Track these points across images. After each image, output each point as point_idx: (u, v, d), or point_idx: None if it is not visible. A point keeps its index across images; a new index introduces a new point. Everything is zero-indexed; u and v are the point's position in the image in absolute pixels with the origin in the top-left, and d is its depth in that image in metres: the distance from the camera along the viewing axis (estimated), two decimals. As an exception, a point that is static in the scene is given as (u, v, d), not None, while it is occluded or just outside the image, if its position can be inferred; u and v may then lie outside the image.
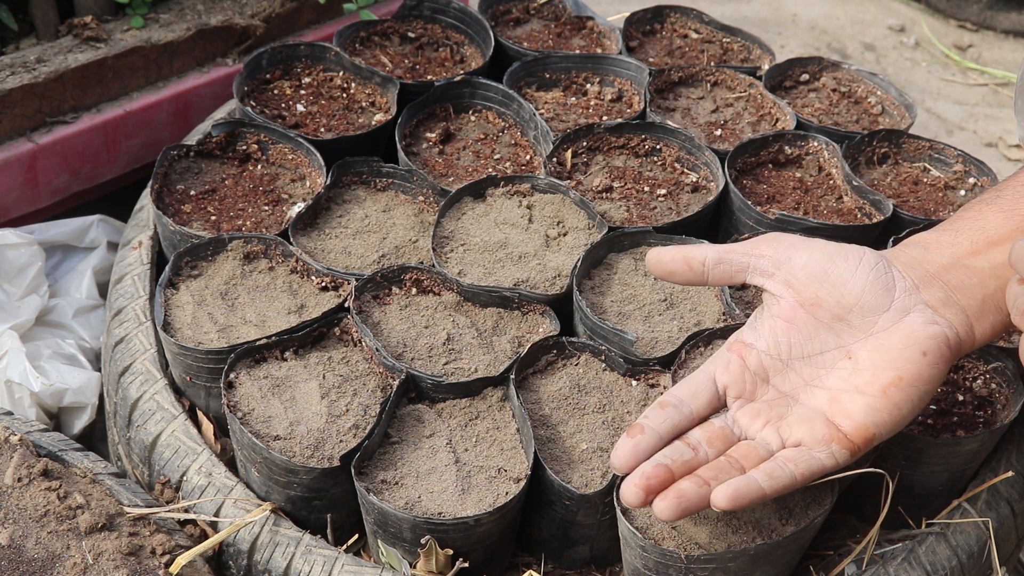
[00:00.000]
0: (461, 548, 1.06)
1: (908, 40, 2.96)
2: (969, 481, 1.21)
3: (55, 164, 1.56)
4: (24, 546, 1.03)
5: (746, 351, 1.02)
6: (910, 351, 0.97)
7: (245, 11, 1.69)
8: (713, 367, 1.02)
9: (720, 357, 1.03)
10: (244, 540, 1.11)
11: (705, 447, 1.00)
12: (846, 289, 0.99)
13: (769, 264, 1.01)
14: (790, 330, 1.00)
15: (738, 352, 1.02)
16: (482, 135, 1.50)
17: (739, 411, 1.01)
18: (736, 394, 1.01)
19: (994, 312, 1.00)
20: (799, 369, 1.01)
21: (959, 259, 1.02)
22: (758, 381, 1.01)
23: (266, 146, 1.43)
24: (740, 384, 1.01)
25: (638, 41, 1.72)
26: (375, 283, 1.25)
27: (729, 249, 1.03)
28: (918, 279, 1.01)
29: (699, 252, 1.03)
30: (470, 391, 1.17)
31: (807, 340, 1.01)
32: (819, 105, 1.61)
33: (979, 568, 1.17)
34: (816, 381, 1.01)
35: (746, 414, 1.01)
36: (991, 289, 1.00)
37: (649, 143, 1.46)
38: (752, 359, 1.01)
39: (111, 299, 1.36)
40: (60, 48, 1.57)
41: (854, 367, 0.99)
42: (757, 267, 1.02)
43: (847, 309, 0.99)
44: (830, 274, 0.99)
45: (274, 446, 1.10)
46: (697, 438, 1.00)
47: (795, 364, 1.01)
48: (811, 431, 0.98)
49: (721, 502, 0.94)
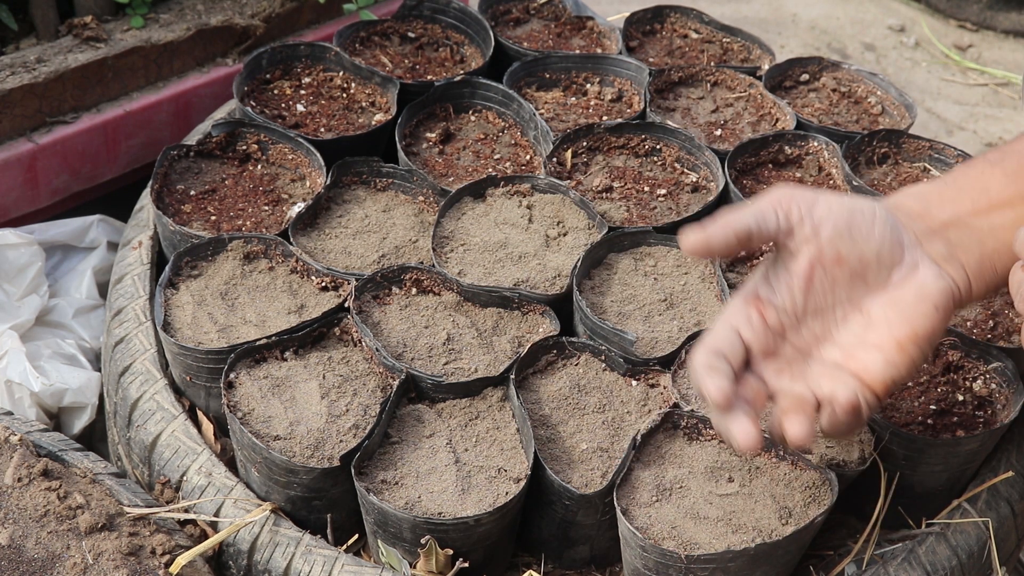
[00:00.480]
0: (461, 548, 1.06)
1: (908, 40, 2.96)
2: (969, 481, 1.21)
3: (55, 164, 1.56)
4: (24, 546, 1.03)
5: (765, 308, 1.00)
6: (924, 305, 0.97)
7: (245, 11, 1.69)
8: (736, 322, 1.00)
9: (740, 312, 1.00)
10: (244, 540, 1.11)
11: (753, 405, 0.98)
12: (867, 246, 0.98)
13: (794, 220, 0.98)
14: (808, 287, 0.99)
15: (757, 308, 1.00)
16: (482, 135, 1.50)
17: (764, 367, 1.00)
18: (759, 350, 1.00)
19: (990, 272, 1.01)
20: (810, 325, 1.00)
21: (960, 217, 1.02)
22: (776, 337, 1.00)
23: (266, 146, 1.43)
24: (763, 341, 0.99)
25: (638, 41, 1.72)
26: (375, 283, 1.25)
27: (759, 210, 0.99)
28: (920, 232, 1.01)
29: (742, 223, 0.98)
30: (470, 391, 1.17)
31: (822, 296, 1.00)
32: (819, 105, 1.61)
33: (979, 568, 1.17)
34: (827, 336, 1.00)
35: (770, 370, 1.00)
36: (988, 249, 1.00)
37: (649, 143, 1.46)
38: (771, 316, 1.00)
39: (111, 299, 1.36)
40: (60, 48, 1.57)
41: (867, 322, 0.99)
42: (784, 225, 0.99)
43: (865, 265, 0.99)
44: (852, 229, 0.98)
45: (274, 446, 1.10)
46: (747, 398, 0.98)
47: (807, 320, 1.00)
48: (843, 383, 0.97)
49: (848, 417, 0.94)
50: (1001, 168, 1.04)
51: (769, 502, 1.08)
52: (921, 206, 1.03)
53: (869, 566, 1.12)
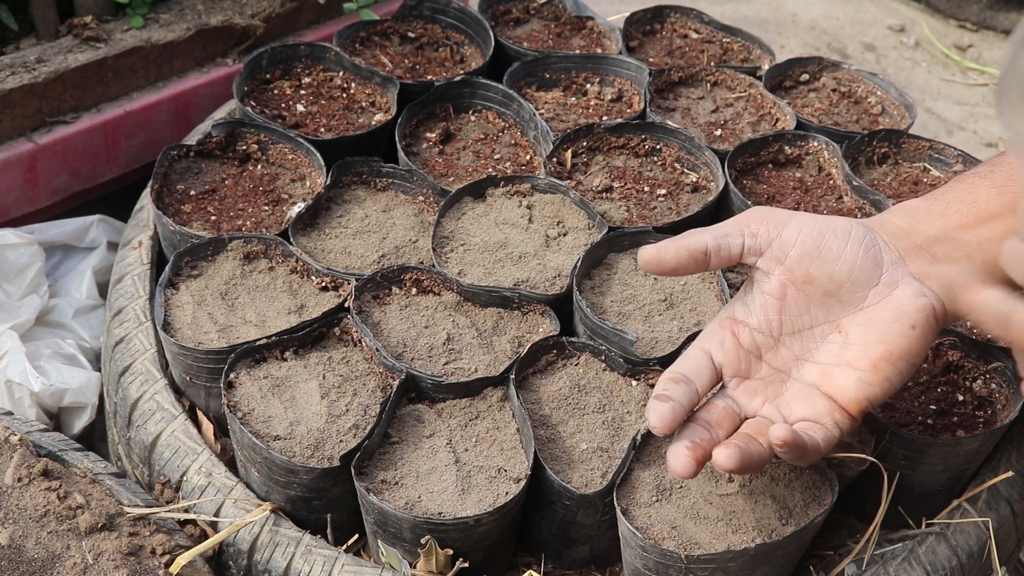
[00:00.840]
0: (461, 548, 1.06)
1: (908, 40, 2.96)
2: (969, 481, 1.21)
3: (55, 164, 1.56)
4: (24, 546, 1.03)
5: (739, 328, 1.01)
6: (900, 324, 0.98)
7: (245, 11, 1.69)
8: (708, 344, 1.02)
9: (713, 334, 1.02)
10: (244, 540, 1.11)
11: (715, 429, 0.99)
12: (837, 266, 0.99)
13: (762, 242, 1.00)
14: (781, 307, 1.01)
15: (731, 329, 1.01)
16: (482, 135, 1.50)
17: (736, 390, 1.02)
18: (732, 372, 1.01)
19: None
20: (789, 344, 1.02)
21: (947, 232, 1.02)
22: (751, 358, 1.02)
23: (266, 146, 1.43)
24: (736, 362, 1.01)
25: (638, 41, 1.72)
26: (375, 283, 1.25)
27: (724, 233, 1.01)
28: (904, 250, 1.01)
29: (698, 242, 1.01)
30: (470, 391, 1.17)
31: (798, 316, 1.01)
32: (819, 105, 1.61)
33: (979, 568, 1.17)
34: (807, 355, 1.01)
35: (744, 393, 1.01)
36: (976, 263, 1.01)
37: (649, 143, 1.46)
38: (745, 337, 1.01)
39: (111, 299, 1.36)
40: (60, 48, 1.57)
41: (844, 341, 1.00)
42: (751, 247, 1.01)
43: (838, 285, 1.00)
44: (822, 250, 0.99)
45: (274, 446, 1.10)
46: (707, 419, 1.00)
47: (785, 339, 1.02)
48: (811, 406, 0.99)
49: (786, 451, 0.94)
50: (990, 180, 1.04)
51: (769, 502, 1.08)
52: (907, 223, 1.03)
53: (869, 566, 1.12)
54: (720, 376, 1.02)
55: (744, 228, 1.01)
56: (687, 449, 0.97)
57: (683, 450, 0.97)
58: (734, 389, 1.02)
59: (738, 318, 1.02)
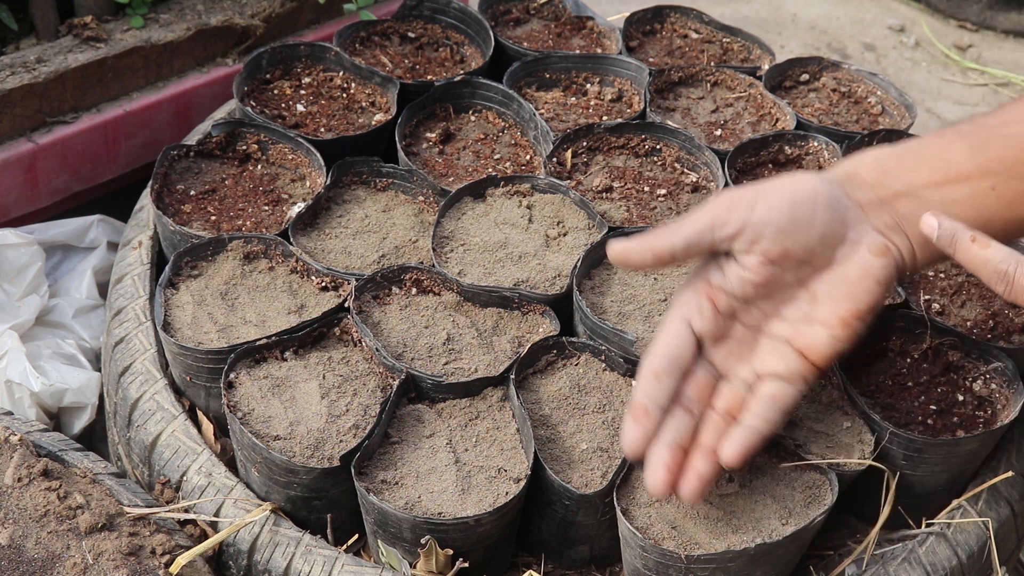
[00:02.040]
0: (461, 548, 1.06)
1: (908, 40, 2.96)
2: (969, 481, 1.21)
3: (55, 164, 1.56)
4: (24, 546, 1.03)
5: (715, 294, 1.03)
6: (867, 282, 1.01)
7: (245, 11, 1.69)
8: (686, 312, 1.03)
9: (690, 301, 1.04)
10: (244, 540, 1.11)
11: (697, 405, 1.03)
12: (810, 234, 1.01)
13: (732, 230, 1.01)
14: (758, 280, 1.02)
15: (708, 295, 1.03)
16: (482, 135, 1.50)
17: (713, 351, 1.04)
18: (710, 337, 1.04)
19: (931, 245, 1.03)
20: (760, 304, 1.04)
21: (914, 188, 1.03)
22: (726, 321, 1.04)
23: (266, 146, 1.43)
24: (714, 328, 1.03)
25: (638, 41, 1.72)
26: (375, 283, 1.25)
27: (694, 230, 1.02)
28: (868, 203, 1.03)
29: (664, 244, 1.02)
30: (470, 391, 1.17)
31: (772, 282, 1.03)
32: (819, 105, 1.61)
33: (979, 568, 1.17)
34: (776, 313, 1.04)
35: (720, 353, 1.04)
36: None
37: (649, 143, 1.46)
38: (721, 302, 1.03)
39: (111, 299, 1.36)
40: (60, 48, 1.57)
41: (812, 299, 1.03)
42: (721, 237, 1.02)
43: (811, 253, 1.02)
44: (795, 223, 1.01)
45: (274, 446, 1.10)
46: (690, 397, 1.03)
47: (757, 300, 1.04)
48: (785, 362, 1.02)
49: (734, 461, 0.99)
50: (967, 141, 1.05)
51: (769, 502, 1.08)
52: (875, 175, 1.05)
53: (869, 566, 1.12)
54: (700, 343, 1.04)
55: (712, 221, 1.02)
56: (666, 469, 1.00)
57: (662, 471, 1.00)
58: (712, 351, 1.04)
59: (713, 283, 1.03)
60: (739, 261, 1.02)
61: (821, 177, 1.04)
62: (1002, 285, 0.91)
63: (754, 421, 1.01)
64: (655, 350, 1.03)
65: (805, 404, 1.16)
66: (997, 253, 0.92)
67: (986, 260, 0.92)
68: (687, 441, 1.02)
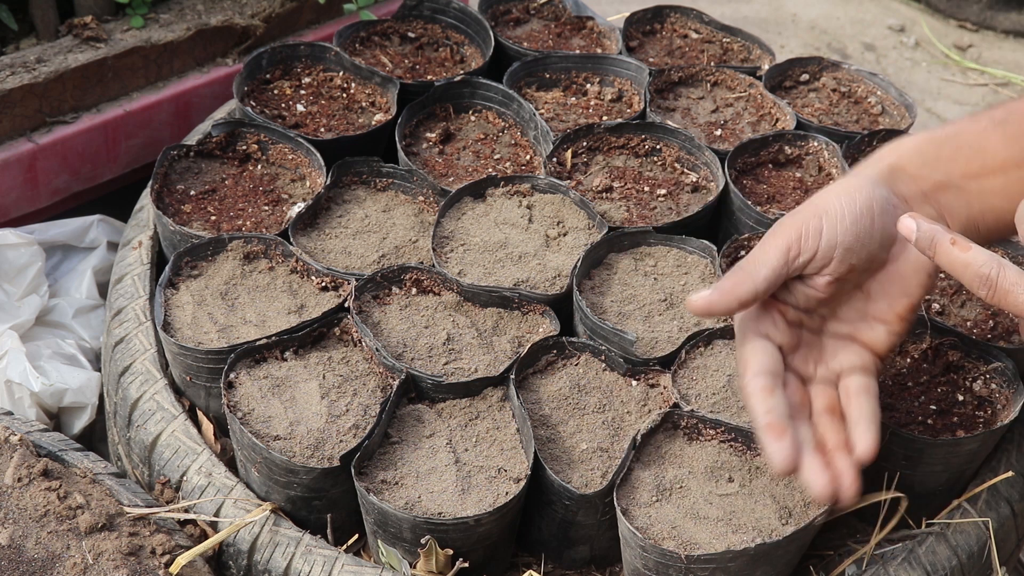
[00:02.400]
0: (461, 548, 1.06)
1: (908, 40, 2.96)
2: (969, 481, 1.21)
3: (55, 164, 1.56)
4: (24, 546, 1.03)
5: (785, 309, 1.05)
6: (920, 276, 1.03)
7: (245, 11, 1.69)
8: (763, 329, 1.05)
9: (764, 319, 1.05)
10: (244, 540, 1.11)
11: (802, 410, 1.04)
12: (871, 246, 1.03)
13: (804, 259, 1.02)
14: (825, 298, 1.04)
15: (779, 310, 1.05)
16: (482, 135, 1.50)
17: (793, 361, 1.06)
18: (788, 348, 1.05)
19: (973, 233, 1.05)
20: (820, 310, 1.06)
21: (953, 179, 1.05)
22: (797, 331, 1.06)
23: (266, 146, 1.43)
24: (789, 339, 1.05)
25: (638, 41, 1.72)
26: (375, 283, 1.25)
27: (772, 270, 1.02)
28: (912, 196, 1.05)
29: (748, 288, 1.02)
30: (470, 391, 1.17)
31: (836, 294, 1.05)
32: (819, 105, 1.61)
33: (979, 568, 1.17)
34: (834, 315, 1.06)
35: (799, 361, 1.06)
36: (975, 212, 1.05)
37: (649, 143, 1.46)
38: (791, 314, 1.06)
39: (111, 299, 1.36)
40: (60, 48, 1.57)
41: (867, 298, 1.05)
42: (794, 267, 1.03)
43: (872, 260, 1.04)
44: (859, 239, 1.02)
45: (274, 446, 1.10)
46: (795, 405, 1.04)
47: (819, 308, 1.06)
48: (859, 357, 1.05)
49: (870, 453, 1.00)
50: (1002, 130, 1.06)
51: (769, 502, 1.08)
52: (917, 165, 1.06)
53: (869, 566, 1.12)
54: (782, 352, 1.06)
55: (786, 256, 1.02)
56: (827, 474, 0.99)
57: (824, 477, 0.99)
58: (792, 361, 1.06)
59: (780, 298, 1.05)
60: (806, 282, 1.04)
61: (869, 179, 1.05)
62: (984, 289, 0.91)
63: (865, 412, 1.02)
64: (752, 369, 1.03)
65: None
66: (978, 256, 0.91)
67: (967, 263, 0.92)
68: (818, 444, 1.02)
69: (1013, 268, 0.90)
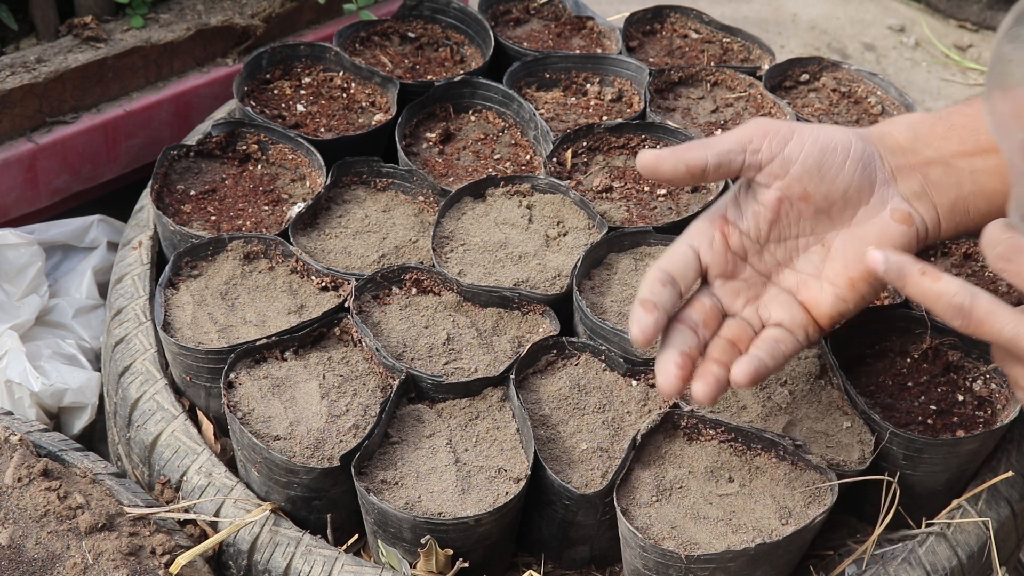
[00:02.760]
0: (461, 548, 1.06)
1: (908, 40, 2.96)
2: (969, 481, 1.21)
3: (55, 164, 1.56)
4: (24, 546, 1.03)
5: (729, 230, 1.02)
6: (883, 246, 0.99)
7: (245, 11, 1.69)
8: (696, 242, 1.02)
9: (703, 232, 1.03)
10: (244, 540, 1.11)
11: (703, 330, 1.01)
12: (835, 185, 1.00)
13: (763, 158, 1.00)
14: (774, 219, 1.01)
15: (721, 230, 1.02)
16: (482, 135, 1.50)
17: (721, 289, 1.03)
18: (718, 273, 1.03)
19: (962, 214, 1.02)
20: (773, 251, 1.03)
21: (944, 156, 1.03)
22: (737, 260, 1.03)
23: (266, 146, 1.43)
24: (722, 264, 1.02)
25: (638, 41, 1.72)
26: (375, 283, 1.25)
27: (727, 149, 1.00)
28: (899, 168, 1.02)
29: (698, 157, 1.00)
30: (470, 391, 1.17)
31: (786, 227, 1.02)
32: (819, 105, 1.61)
33: (979, 568, 1.17)
34: (788, 263, 1.03)
35: (727, 292, 1.03)
36: (965, 192, 1.02)
37: (649, 143, 1.46)
38: (734, 239, 1.02)
39: (111, 299, 1.36)
40: (60, 48, 1.57)
41: (825, 255, 1.02)
42: (751, 162, 1.01)
43: (832, 203, 1.01)
44: (822, 168, 1.00)
45: (274, 446, 1.10)
46: (695, 319, 1.01)
47: (770, 246, 1.03)
48: (789, 314, 1.01)
49: (744, 381, 0.97)
50: None
51: (769, 502, 1.08)
52: (908, 139, 1.04)
53: (869, 566, 1.12)
54: (704, 275, 1.03)
55: (746, 144, 1.01)
56: (676, 366, 0.97)
57: (671, 367, 0.97)
58: (719, 288, 1.03)
59: (729, 219, 1.03)
60: (757, 197, 1.01)
61: (857, 133, 1.03)
62: (959, 319, 0.88)
63: (760, 354, 0.99)
64: (658, 264, 1.01)
65: (805, 403, 1.16)
66: (950, 286, 0.89)
67: (940, 294, 0.89)
68: (695, 353, 0.99)
69: (985, 295, 0.88)
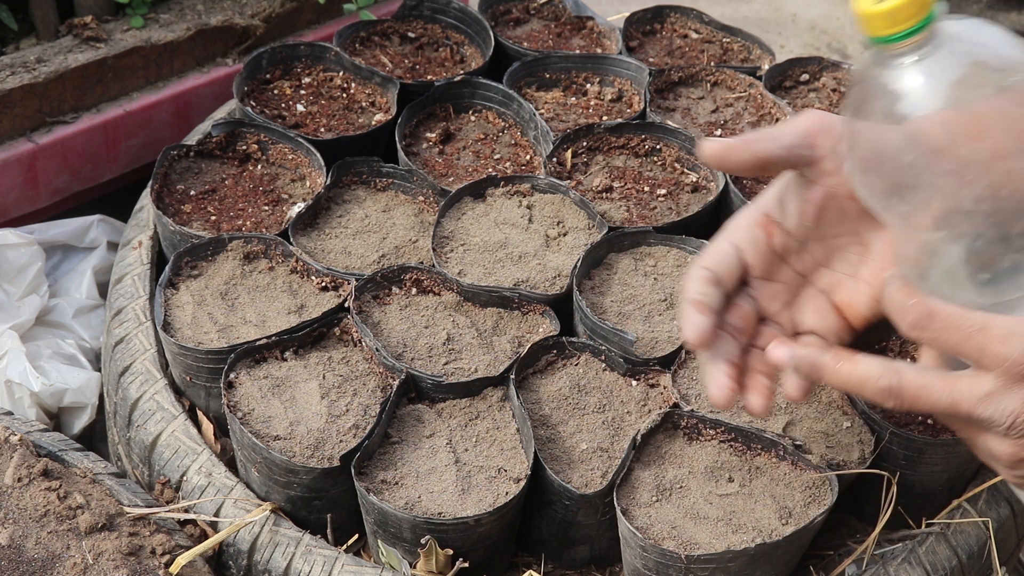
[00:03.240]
0: (461, 548, 1.06)
1: (908, 40, 2.96)
2: (969, 481, 1.21)
3: (55, 164, 1.56)
4: (24, 546, 1.03)
5: (773, 229, 0.99)
6: None
7: (245, 11, 1.69)
8: (739, 241, 0.99)
9: (746, 231, 1.00)
10: (244, 540, 1.11)
11: (741, 336, 0.98)
12: None
13: (819, 154, 0.96)
14: (819, 217, 0.98)
15: (765, 228, 0.99)
16: (482, 135, 1.50)
17: (760, 291, 1.00)
18: (759, 273, 0.99)
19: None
20: (812, 250, 1.00)
21: None
22: (777, 260, 1.00)
23: (266, 146, 1.43)
24: (764, 264, 0.99)
25: (638, 41, 1.72)
26: (375, 283, 1.25)
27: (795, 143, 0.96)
28: None
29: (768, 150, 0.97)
30: (470, 391, 1.17)
31: (829, 226, 0.99)
32: (819, 105, 1.61)
33: (979, 568, 1.17)
34: (826, 263, 1.00)
35: (766, 295, 1.00)
36: None
37: (649, 143, 1.46)
38: (777, 238, 0.99)
39: (111, 299, 1.36)
40: (60, 48, 1.57)
41: (863, 255, 0.99)
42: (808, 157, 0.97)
43: None
44: None
45: (274, 446, 1.10)
46: (736, 326, 0.98)
47: (811, 245, 1.00)
48: (824, 320, 0.98)
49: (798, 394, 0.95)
50: None
51: (769, 502, 1.08)
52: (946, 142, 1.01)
53: (869, 566, 1.12)
54: (745, 276, 1.00)
55: (808, 139, 0.97)
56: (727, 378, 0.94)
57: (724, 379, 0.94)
58: (758, 290, 1.00)
59: (773, 217, 0.99)
60: (804, 193, 0.98)
61: None
62: (891, 401, 0.85)
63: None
64: (703, 263, 0.97)
65: (805, 403, 1.16)
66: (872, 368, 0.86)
67: (864, 379, 0.86)
68: (739, 362, 0.96)
69: (910, 370, 0.85)
